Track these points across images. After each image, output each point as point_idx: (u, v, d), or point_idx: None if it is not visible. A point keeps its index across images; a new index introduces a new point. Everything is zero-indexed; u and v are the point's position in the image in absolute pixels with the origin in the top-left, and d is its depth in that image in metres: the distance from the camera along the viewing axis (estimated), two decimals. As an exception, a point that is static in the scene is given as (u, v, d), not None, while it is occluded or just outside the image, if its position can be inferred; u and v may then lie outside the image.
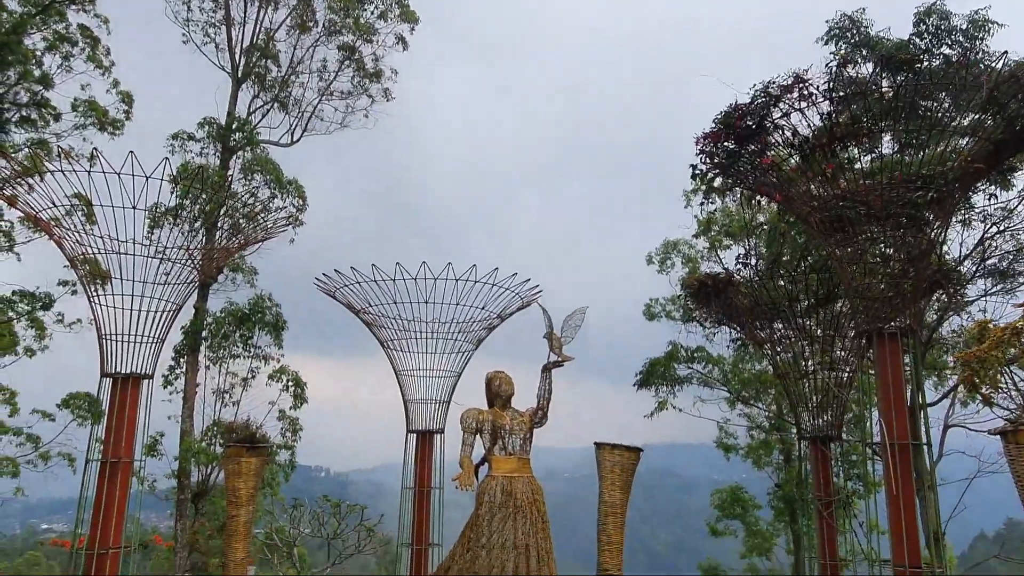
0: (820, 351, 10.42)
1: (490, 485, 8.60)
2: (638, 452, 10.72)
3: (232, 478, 11.33)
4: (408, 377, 11.36)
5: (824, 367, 10.39)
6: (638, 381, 16.99)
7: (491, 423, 8.85)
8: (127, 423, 8.81)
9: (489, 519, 8.45)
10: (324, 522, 14.83)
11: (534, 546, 8.34)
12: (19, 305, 20.96)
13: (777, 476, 21.23)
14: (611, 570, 10.33)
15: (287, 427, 20.70)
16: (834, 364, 10.43)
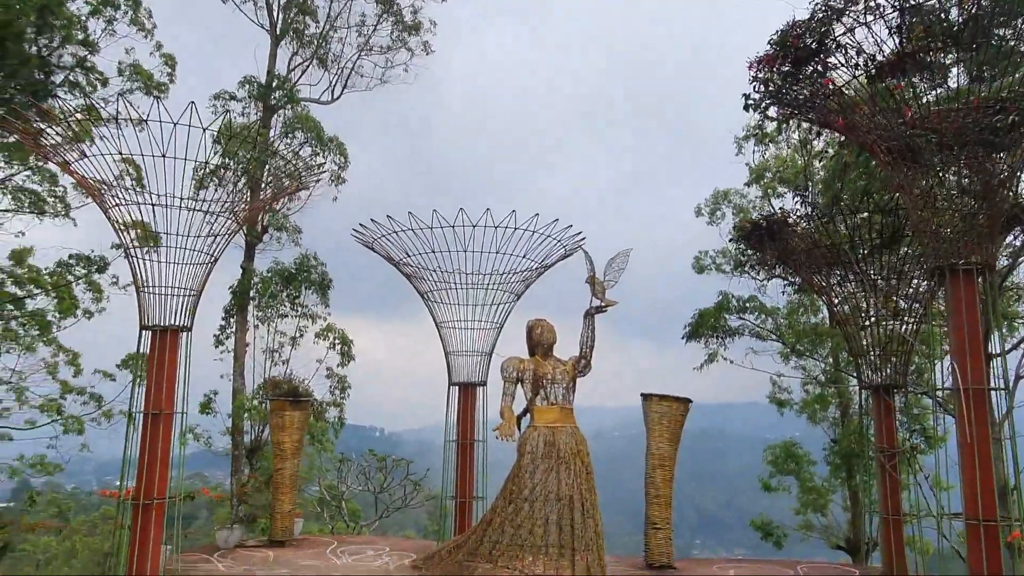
0: (884, 296, 9.69)
1: (532, 436, 8.26)
2: (687, 403, 10.23)
3: (276, 432, 11.29)
4: (449, 329, 11.04)
5: (889, 312, 9.67)
6: (687, 333, 16.38)
7: (532, 372, 8.47)
8: (167, 375, 8.71)
9: (532, 470, 8.13)
10: (370, 476, 14.84)
11: (578, 498, 8.00)
12: (76, 269, 21.43)
13: (833, 431, 20.49)
14: (659, 524, 9.96)
15: (335, 385, 20.86)
16: (898, 309, 9.70)
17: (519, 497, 8.03)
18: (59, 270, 21.23)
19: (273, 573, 9.37)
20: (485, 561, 8.23)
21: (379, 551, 10.91)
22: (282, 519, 11.10)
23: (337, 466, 16.07)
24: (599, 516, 8.06)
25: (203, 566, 9.74)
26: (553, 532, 7.91)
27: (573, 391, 8.53)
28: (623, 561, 10.63)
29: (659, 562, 9.95)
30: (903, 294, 9.68)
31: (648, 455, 10.23)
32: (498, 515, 8.20)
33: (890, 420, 9.67)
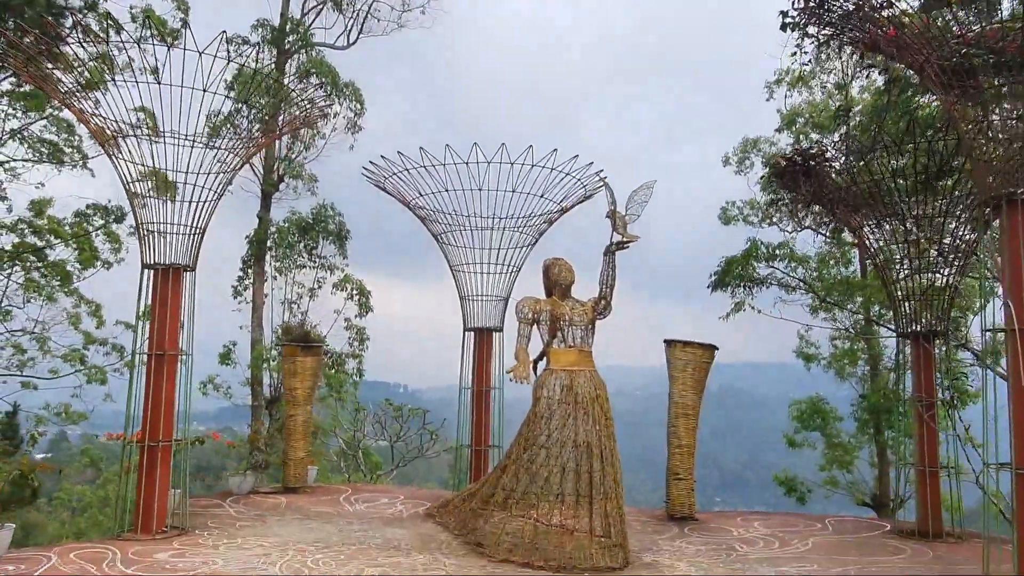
0: (928, 236, 9.01)
1: (548, 380, 7.80)
2: (712, 350, 9.71)
3: (288, 378, 10.99)
4: (462, 273, 10.57)
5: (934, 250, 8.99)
6: (712, 282, 15.75)
7: (549, 313, 7.99)
8: (171, 315, 8.37)
9: (548, 416, 7.70)
10: (386, 426, 14.60)
11: (596, 444, 7.57)
12: (93, 219, 21.26)
13: (862, 387, 19.88)
14: (681, 474, 9.53)
15: (354, 336, 20.62)
16: (943, 252, 9.03)
17: (535, 444, 7.62)
18: (77, 220, 21.10)
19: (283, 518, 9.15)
20: (499, 510, 7.88)
21: (393, 499, 10.65)
22: (295, 466, 10.86)
23: (354, 415, 15.84)
24: (618, 464, 7.63)
25: (213, 510, 9.54)
26: (570, 480, 7.51)
27: (592, 333, 8.04)
28: (643, 512, 10.26)
29: (680, 513, 9.56)
30: (949, 235, 8.99)
31: (671, 404, 9.77)
32: (513, 462, 7.82)
33: (929, 369, 9.07)
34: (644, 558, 7.70)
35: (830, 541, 8.64)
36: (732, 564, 7.53)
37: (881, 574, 7.22)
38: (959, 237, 9.10)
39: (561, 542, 7.30)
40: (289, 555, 7.46)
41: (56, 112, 20.04)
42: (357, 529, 8.73)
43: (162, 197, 9.15)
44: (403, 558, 7.47)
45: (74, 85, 8.82)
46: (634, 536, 8.61)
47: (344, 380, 19.17)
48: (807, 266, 16.61)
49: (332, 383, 18.52)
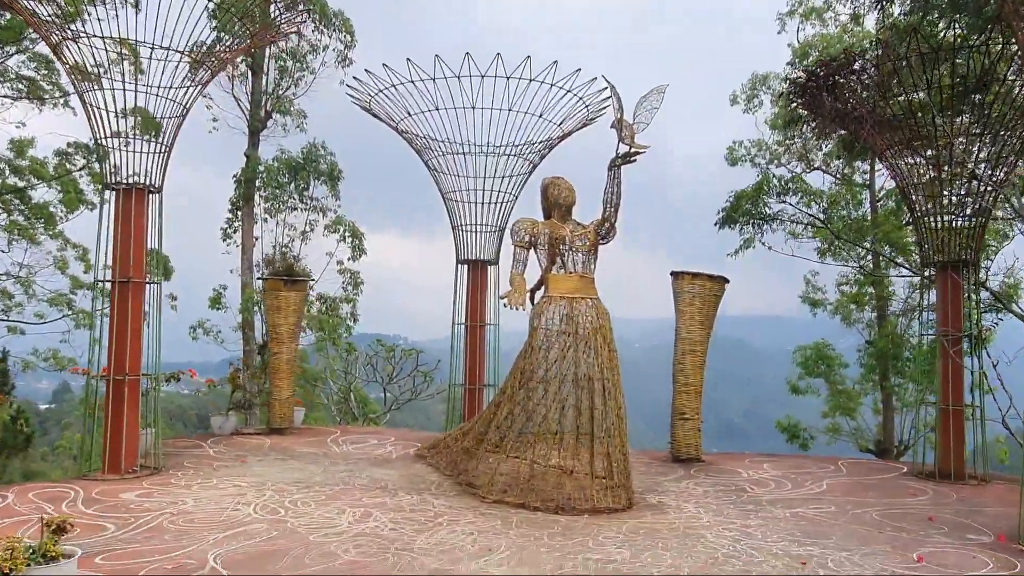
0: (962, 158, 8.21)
1: (547, 308, 7.09)
2: (722, 282, 8.99)
3: (271, 314, 10.30)
4: (455, 201, 9.78)
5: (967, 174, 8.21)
6: (720, 219, 14.96)
7: (548, 236, 7.24)
8: (135, 239, 7.62)
9: (546, 348, 7.02)
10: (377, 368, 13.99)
11: (599, 378, 6.90)
12: (75, 158, 20.35)
13: (868, 333, 19.28)
14: (687, 413, 8.90)
15: (348, 280, 19.92)
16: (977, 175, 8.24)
17: (531, 379, 6.96)
18: (60, 160, 20.20)
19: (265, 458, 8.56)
20: (493, 449, 7.27)
21: (383, 440, 10.07)
22: (280, 406, 10.25)
23: (342, 357, 15.21)
24: (622, 399, 6.98)
25: (192, 451, 8.95)
26: (570, 417, 6.88)
27: (595, 259, 7.31)
28: (646, 454, 9.68)
29: (686, 454, 8.97)
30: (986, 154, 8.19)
31: (677, 340, 9.09)
32: (508, 399, 7.17)
33: (957, 301, 8.37)
34: (648, 499, 7.10)
35: (845, 483, 8.06)
36: (744, 505, 6.94)
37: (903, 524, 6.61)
38: (995, 158, 8.30)
39: (559, 482, 6.70)
40: (266, 495, 6.87)
41: (33, 46, 18.97)
42: (342, 469, 8.14)
43: (145, 136, 8.37)
44: (389, 498, 6.88)
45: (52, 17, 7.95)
46: (637, 477, 8.01)
47: (338, 324, 18.53)
48: (819, 201, 15.72)
49: (325, 327, 17.90)
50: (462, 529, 5.92)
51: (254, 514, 6.21)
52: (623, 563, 5.15)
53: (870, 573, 5.08)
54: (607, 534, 5.86)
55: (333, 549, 5.32)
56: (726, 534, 5.95)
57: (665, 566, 5.11)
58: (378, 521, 6.10)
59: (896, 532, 6.14)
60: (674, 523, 6.25)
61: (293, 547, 5.35)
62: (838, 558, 5.38)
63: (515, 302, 6.74)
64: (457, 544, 5.51)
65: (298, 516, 6.18)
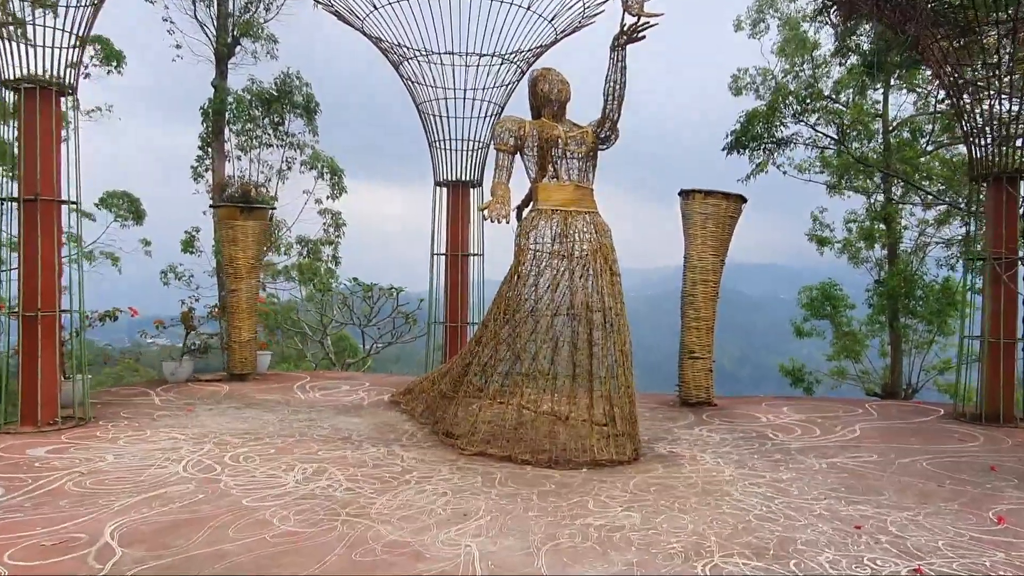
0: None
1: (536, 224, 5.83)
2: (739, 201, 7.73)
3: (227, 246, 9.01)
4: (431, 115, 8.43)
5: None
6: (728, 144, 13.59)
7: (537, 137, 5.93)
8: (42, 148, 6.28)
9: (535, 274, 5.78)
10: (354, 308, 12.77)
11: (599, 308, 5.69)
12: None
13: (878, 273, 18.14)
14: (697, 352, 7.73)
15: (330, 222, 18.57)
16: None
17: (518, 311, 5.74)
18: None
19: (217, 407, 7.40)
20: (474, 394, 6.10)
21: (356, 386, 8.92)
22: (241, 350, 9.06)
23: (319, 297, 13.93)
24: (627, 333, 5.78)
25: (136, 400, 7.79)
26: (565, 355, 5.70)
27: (594, 166, 6.02)
28: (651, 398, 8.57)
29: (696, 398, 7.86)
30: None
31: (687, 268, 7.88)
32: (491, 335, 5.97)
33: (1013, 218, 7.15)
34: (658, 449, 5.98)
35: (880, 427, 6.96)
36: (770, 455, 5.82)
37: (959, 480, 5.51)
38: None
39: (553, 431, 5.55)
40: (205, 449, 5.72)
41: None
42: (303, 418, 6.99)
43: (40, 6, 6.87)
44: (351, 451, 5.73)
45: None
46: (643, 424, 6.88)
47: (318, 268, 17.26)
48: (838, 120, 14.20)
49: (305, 272, 16.62)
50: (433, 488, 4.77)
51: (183, 473, 5.05)
52: (632, 530, 4.02)
53: (956, 556, 3.95)
54: (611, 492, 4.74)
55: (268, 517, 4.17)
56: (755, 491, 4.82)
57: (686, 533, 3.99)
58: (333, 479, 4.95)
59: (958, 486, 5.03)
60: (691, 478, 5.12)
61: (218, 515, 4.19)
62: (899, 520, 4.26)
63: (496, 214, 5.46)
64: (425, 507, 4.37)
65: (236, 474, 5.03)
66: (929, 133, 16.06)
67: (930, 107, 16.07)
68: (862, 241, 17.99)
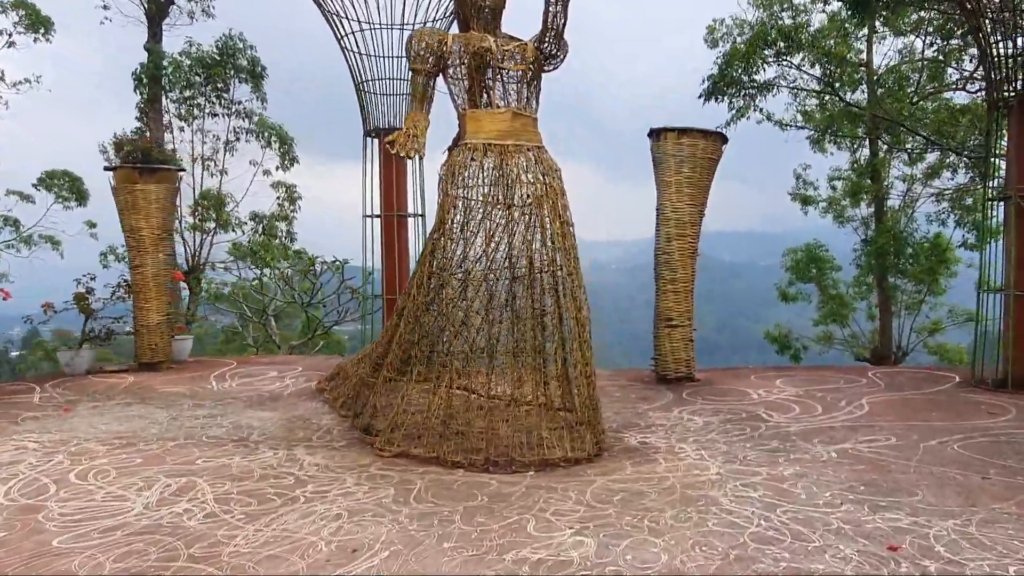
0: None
1: (464, 164, 4.55)
2: (718, 140, 6.48)
3: (127, 214, 7.65)
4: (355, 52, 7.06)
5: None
6: (705, 90, 12.29)
7: (463, 54, 4.63)
8: None
9: (463, 223, 4.52)
10: (294, 285, 11.42)
11: (547, 270, 4.45)
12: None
13: (864, 232, 17.05)
14: (675, 319, 6.52)
15: (284, 196, 17.13)
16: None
17: (443, 270, 4.48)
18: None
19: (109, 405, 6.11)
20: (397, 378, 4.85)
21: (285, 372, 7.66)
22: (149, 335, 7.75)
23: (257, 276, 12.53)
24: (583, 297, 4.55)
25: (17, 397, 6.47)
26: (504, 326, 4.46)
27: (537, 90, 4.75)
28: (623, 374, 7.39)
29: (676, 372, 6.67)
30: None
31: (660, 220, 6.65)
32: (413, 305, 4.71)
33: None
34: (627, 440, 4.79)
35: (892, 401, 5.82)
36: (766, 443, 4.65)
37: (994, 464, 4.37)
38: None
39: (491, 424, 4.32)
40: (53, 461, 4.44)
41: None
42: (202, 415, 5.72)
43: None
44: (239, 457, 4.48)
45: None
46: (611, 407, 5.71)
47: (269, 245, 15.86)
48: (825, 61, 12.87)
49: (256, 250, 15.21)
50: (326, 509, 3.55)
51: (0, 500, 3.78)
52: (582, 567, 2.82)
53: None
54: (560, 506, 3.53)
55: (73, 567, 2.92)
56: (750, 495, 3.64)
57: (658, 566, 2.80)
58: (197, 500, 3.70)
59: (1007, 476, 3.89)
60: (667, 479, 3.93)
61: (5, 560, 2.95)
62: (945, 533, 3.10)
63: (406, 147, 4.18)
64: (304, 540, 3.15)
65: (70, 498, 3.77)
66: (916, 82, 14.88)
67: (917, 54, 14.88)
68: (848, 198, 16.87)
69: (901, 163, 16.31)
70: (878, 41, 15.45)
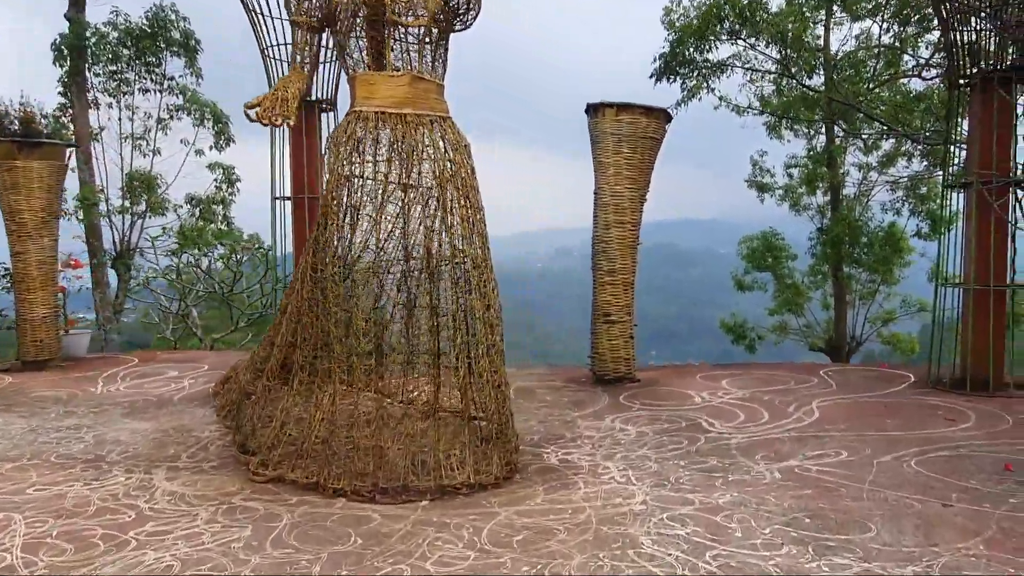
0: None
1: (353, 135, 3.82)
2: (660, 118, 5.85)
3: (5, 194, 6.74)
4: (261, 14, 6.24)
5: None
6: (656, 70, 11.67)
7: (355, 4, 3.89)
8: None
9: (351, 206, 3.80)
10: (210, 273, 10.50)
11: (453, 260, 3.77)
12: None
13: (820, 221, 16.72)
14: (614, 315, 5.91)
15: (223, 177, 16.10)
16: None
17: (327, 260, 3.75)
18: None
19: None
20: (278, 386, 4.14)
21: (187, 372, 6.87)
22: (33, 330, 6.87)
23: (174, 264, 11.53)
24: (494, 294, 3.87)
25: None
26: (398, 326, 3.77)
27: (444, 50, 4.03)
28: (555, 373, 6.77)
29: (614, 372, 6.07)
30: None
31: (598, 205, 6.01)
32: (296, 301, 3.99)
33: (1007, 129, 5.47)
34: (546, 456, 4.15)
35: (844, 406, 5.29)
36: (704, 460, 4.05)
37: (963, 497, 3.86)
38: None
39: (379, 443, 3.63)
40: None
41: None
42: (66, 426, 4.93)
43: None
44: (81, 484, 3.73)
45: None
46: (537, 413, 5.08)
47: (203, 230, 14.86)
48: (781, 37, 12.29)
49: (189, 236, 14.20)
50: (155, 559, 2.83)
51: None
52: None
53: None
54: (449, 551, 2.88)
55: None
56: (677, 532, 3.03)
57: (548, 648, 2.15)
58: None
59: (972, 502, 3.35)
60: (583, 510, 3.30)
61: None
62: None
63: (270, 113, 3.45)
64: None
65: None
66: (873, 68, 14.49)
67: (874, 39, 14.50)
68: (804, 186, 16.52)
69: (857, 151, 15.99)
70: (836, 26, 15.05)
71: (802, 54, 12.60)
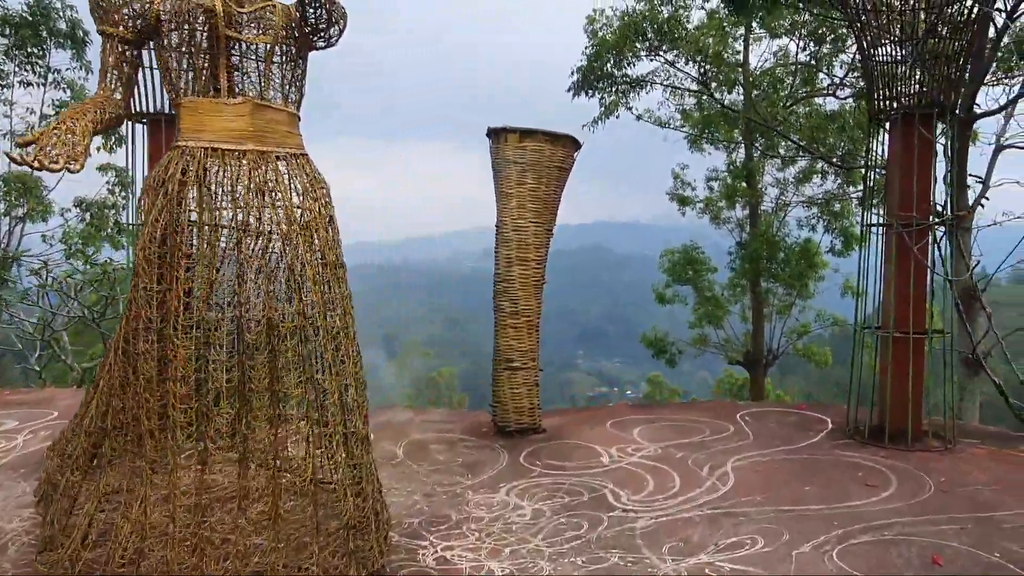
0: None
1: (173, 173, 3.04)
2: (569, 147, 5.27)
3: None
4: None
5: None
6: (574, 84, 11.19)
7: (178, 12, 3.12)
8: None
9: (176, 260, 3.03)
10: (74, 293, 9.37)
11: (302, 326, 3.05)
12: None
13: (739, 234, 16.70)
14: (517, 360, 5.31)
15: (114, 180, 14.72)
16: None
17: (140, 332, 2.96)
18: None
19: None
20: (84, 472, 3.32)
21: (28, 422, 5.87)
22: None
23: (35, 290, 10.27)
24: (355, 369, 3.18)
25: None
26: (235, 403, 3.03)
27: (301, 74, 3.31)
28: (461, 419, 6.11)
29: (517, 423, 5.46)
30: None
31: (499, 240, 5.39)
32: (108, 369, 3.20)
33: (926, 169, 5.14)
34: (422, 554, 3.48)
35: (759, 465, 4.84)
36: (604, 554, 3.48)
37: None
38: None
39: (201, 542, 2.88)
40: None
41: None
42: None
43: None
44: None
45: None
46: (426, 480, 4.41)
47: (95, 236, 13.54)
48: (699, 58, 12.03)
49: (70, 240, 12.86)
50: None
51: None
52: None
53: None
54: None
55: None
56: None
57: None
58: None
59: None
60: (448, 651, 2.65)
61: None
62: None
63: (44, 156, 2.68)
64: None
65: None
66: (790, 86, 14.48)
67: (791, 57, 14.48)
68: (724, 200, 16.45)
69: (774, 167, 16.02)
70: (755, 41, 14.98)
71: (722, 69, 12.35)
